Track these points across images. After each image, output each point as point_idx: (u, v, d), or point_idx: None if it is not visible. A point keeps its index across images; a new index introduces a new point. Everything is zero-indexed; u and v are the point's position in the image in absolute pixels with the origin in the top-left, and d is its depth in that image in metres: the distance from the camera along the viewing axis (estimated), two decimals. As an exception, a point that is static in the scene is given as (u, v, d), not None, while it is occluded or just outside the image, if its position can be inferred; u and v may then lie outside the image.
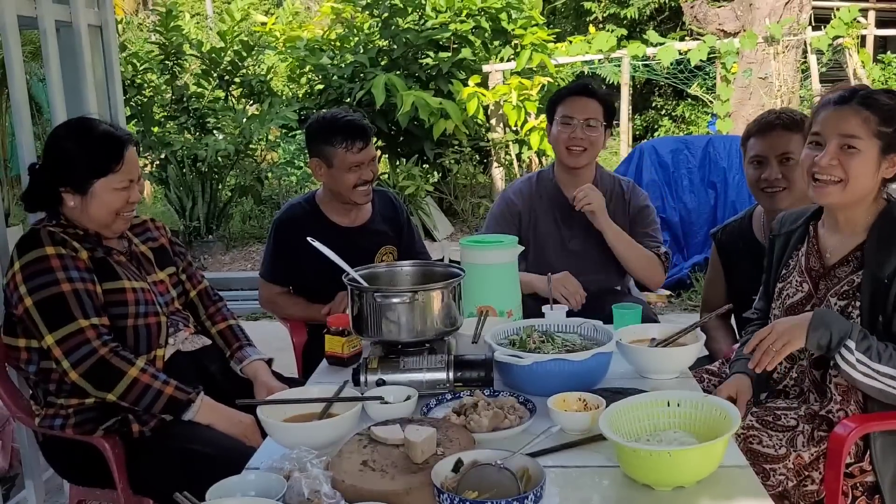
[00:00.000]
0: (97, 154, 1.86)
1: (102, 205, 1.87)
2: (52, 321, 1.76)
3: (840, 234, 1.76)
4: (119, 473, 1.82)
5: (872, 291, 1.64)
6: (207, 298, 2.18)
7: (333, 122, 2.45)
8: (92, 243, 1.89)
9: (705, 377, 2.00)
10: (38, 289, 1.77)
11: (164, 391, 1.79)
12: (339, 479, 1.26)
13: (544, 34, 7.74)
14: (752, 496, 1.27)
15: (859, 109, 1.65)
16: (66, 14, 2.71)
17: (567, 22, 12.14)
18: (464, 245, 2.13)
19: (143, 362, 1.81)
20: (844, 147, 1.65)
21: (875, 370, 1.57)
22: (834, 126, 1.67)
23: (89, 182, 1.85)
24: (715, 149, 5.50)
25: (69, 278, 1.78)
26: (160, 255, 2.08)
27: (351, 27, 8.15)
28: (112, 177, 1.86)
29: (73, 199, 1.87)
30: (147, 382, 1.78)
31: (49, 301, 1.76)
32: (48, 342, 1.76)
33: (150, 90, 7.61)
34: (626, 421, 1.40)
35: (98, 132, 1.89)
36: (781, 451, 1.66)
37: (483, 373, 1.67)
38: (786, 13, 7.38)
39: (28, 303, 1.77)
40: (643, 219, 2.56)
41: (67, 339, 1.75)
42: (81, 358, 1.74)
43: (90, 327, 1.76)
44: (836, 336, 1.58)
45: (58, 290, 1.76)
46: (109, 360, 1.76)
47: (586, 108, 2.51)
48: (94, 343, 1.75)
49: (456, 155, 7.80)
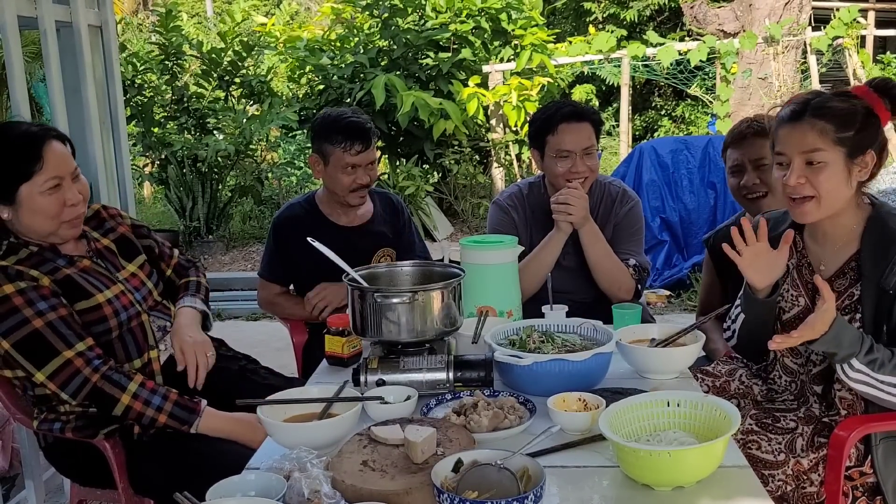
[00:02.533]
0: (12, 156, 1.72)
1: (35, 213, 1.74)
2: (37, 359, 1.71)
3: (829, 245, 1.72)
4: (120, 473, 1.82)
5: (876, 303, 1.62)
6: (181, 268, 2.11)
7: (337, 120, 2.44)
8: (49, 260, 1.78)
9: (702, 377, 1.99)
10: (10, 331, 1.70)
11: (158, 420, 1.76)
12: (339, 479, 1.26)
13: (544, 35, 7.75)
14: (752, 496, 1.27)
15: (814, 122, 1.62)
16: (66, 14, 2.72)
17: (567, 22, 12.14)
18: (464, 245, 2.13)
19: (136, 385, 1.75)
20: (808, 164, 1.63)
21: (877, 379, 1.56)
22: (794, 144, 1.64)
23: (12, 189, 1.72)
24: (715, 149, 5.50)
25: (38, 312, 1.70)
26: (123, 246, 1.98)
27: (351, 27, 8.16)
28: (36, 179, 1.72)
29: (5, 211, 1.75)
30: (140, 411, 1.75)
31: (27, 340, 1.70)
32: (40, 379, 1.72)
33: (150, 90, 7.62)
34: (626, 421, 1.40)
35: (14, 133, 1.76)
36: (780, 456, 1.65)
37: (483, 373, 1.67)
38: (785, 13, 7.39)
39: (6, 346, 1.70)
40: (626, 226, 2.46)
41: (58, 372, 1.71)
42: (77, 388, 1.72)
43: (76, 356, 1.71)
44: (842, 354, 1.56)
45: (31, 329, 1.69)
46: (102, 388, 1.72)
47: (581, 136, 2.35)
48: (85, 371, 1.71)
49: (456, 155, 7.80)
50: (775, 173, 1.71)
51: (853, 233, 1.69)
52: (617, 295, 2.38)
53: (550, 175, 2.43)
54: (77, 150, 2.76)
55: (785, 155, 1.66)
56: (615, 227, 2.46)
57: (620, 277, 2.38)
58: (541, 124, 2.42)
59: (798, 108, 1.66)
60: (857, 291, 1.66)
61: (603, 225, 2.42)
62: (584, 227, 2.34)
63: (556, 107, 2.43)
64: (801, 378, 1.78)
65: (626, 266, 2.39)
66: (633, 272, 2.40)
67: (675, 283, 5.36)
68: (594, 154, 2.41)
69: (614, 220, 2.47)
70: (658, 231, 5.46)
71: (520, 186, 2.59)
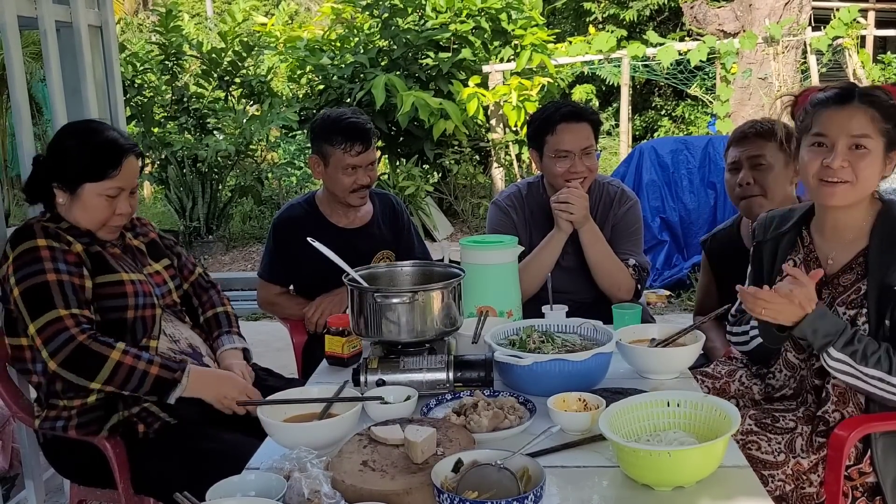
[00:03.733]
0: (94, 157, 1.86)
1: (86, 210, 1.87)
2: (34, 309, 1.75)
3: (839, 239, 1.71)
4: (120, 473, 1.82)
5: (878, 297, 1.62)
6: (200, 287, 2.16)
7: (337, 121, 2.44)
8: (85, 236, 1.88)
9: (701, 379, 1.99)
10: (25, 278, 1.77)
11: (150, 371, 1.75)
12: (339, 480, 1.26)
13: (544, 35, 7.75)
14: (752, 496, 1.27)
15: (865, 108, 1.61)
16: (66, 14, 2.71)
17: (567, 22, 12.14)
18: (464, 245, 2.13)
19: (123, 345, 1.77)
20: (853, 147, 1.61)
21: (861, 372, 1.56)
22: (841, 126, 1.61)
23: (79, 183, 1.85)
24: (715, 149, 5.50)
25: (56, 269, 1.78)
26: (152, 247, 2.07)
27: (351, 27, 8.16)
28: (104, 182, 1.85)
29: (62, 196, 1.88)
30: (131, 364, 1.74)
31: (33, 290, 1.76)
32: (31, 331, 1.75)
33: (151, 90, 7.61)
34: (626, 421, 1.40)
35: (102, 137, 1.89)
36: (780, 457, 1.65)
37: (483, 373, 1.67)
38: (785, 13, 7.38)
39: (16, 293, 1.78)
40: (625, 226, 2.46)
41: (46, 327, 1.73)
42: (60, 346, 1.72)
43: (69, 316, 1.75)
44: (817, 342, 1.57)
45: (42, 280, 1.76)
46: (89, 346, 1.73)
47: (580, 136, 2.35)
48: (73, 330, 1.73)
49: (456, 155, 7.80)
50: (806, 155, 1.67)
51: (862, 229, 1.68)
52: (617, 295, 2.37)
53: (549, 175, 2.43)
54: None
55: (827, 136, 1.63)
56: (614, 227, 2.46)
57: (620, 277, 2.38)
58: (539, 124, 2.42)
59: (844, 93, 1.64)
60: (863, 286, 1.66)
61: (601, 225, 2.41)
62: (584, 226, 2.34)
63: (555, 107, 2.43)
64: (802, 373, 1.78)
65: (626, 266, 2.39)
66: (632, 272, 2.40)
67: (675, 283, 5.36)
68: (593, 154, 2.41)
69: (613, 220, 2.46)
70: (658, 231, 5.46)
71: (519, 187, 2.59)
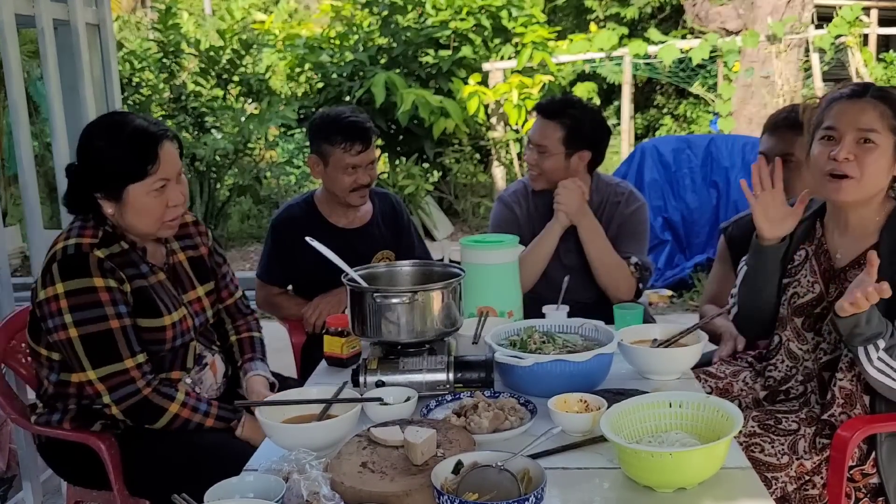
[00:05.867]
0: (129, 154, 1.70)
1: (139, 213, 1.73)
2: (97, 358, 1.69)
3: (849, 235, 1.72)
4: (115, 474, 1.81)
5: (889, 297, 1.59)
6: (237, 312, 2.09)
7: (336, 120, 2.43)
8: (134, 264, 1.78)
9: (705, 378, 1.98)
10: (86, 322, 1.68)
11: (206, 423, 1.78)
12: (339, 481, 1.25)
13: (545, 32, 7.74)
14: (754, 498, 1.26)
15: (876, 103, 1.62)
16: (63, 12, 2.71)
17: (568, 20, 12.11)
18: (464, 245, 2.12)
19: (182, 395, 1.77)
20: (861, 141, 1.62)
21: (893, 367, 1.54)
22: (850, 119, 1.63)
23: (122, 187, 1.71)
24: (717, 148, 5.49)
25: (118, 314, 1.70)
26: (198, 267, 1.96)
27: (350, 25, 8.15)
28: (147, 180, 1.71)
29: (109, 206, 1.74)
30: (187, 418, 1.76)
31: (96, 337, 1.68)
32: (90, 377, 1.70)
33: (148, 89, 7.60)
34: (628, 422, 1.39)
35: (130, 129, 1.72)
36: (784, 459, 1.64)
37: (483, 374, 1.66)
38: (788, 11, 7.37)
39: (73, 333, 1.68)
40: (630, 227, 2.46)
41: (112, 377, 1.70)
42: (125, 396, 1.71)
43: (135, 367, 1.72)
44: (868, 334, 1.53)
45: (105, 327, 1.69)
46: (151, 400, 1.73)
47: (539, 130, 2.43)
48: (139, 383, 1.71)
49: (456, 154, 7.79)
50: (816, 148, 1.68)
51: (875, 225, 1.69)
52: (617, 294, 2.37)
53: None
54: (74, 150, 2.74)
55: (836, 129, 1.64)
56: (619, 226, 2.46)
57: (620, 275, 2.37)
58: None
59: (858, 89, 1.66)
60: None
61: (607, 224, 2.42)
62: (582, 221, 2.35)
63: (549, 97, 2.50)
64: (806, 364, 1.77)
65: (628, 264, 2.38)
66: (633, 270, 2.39)
67: (677, 283, 5.34)
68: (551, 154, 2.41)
69: (618, 219, 2.47)
70: (660, 231, 5.45)
71: (524, 182, 2.62)
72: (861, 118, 1.62)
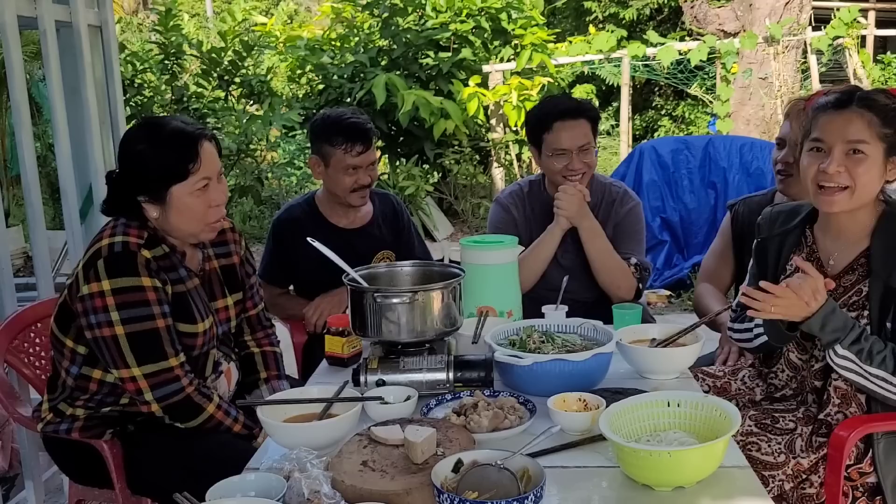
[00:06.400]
0: (170, 154, 1.72)
1: (182, 213, 1.75)
2: (143, 355, 1.70)
3: (842, 241, 1.71)
4: (117, 473, 1.82)
5: (881, 299, 1.61)
6: (258, 324, 2.10)
7: (337, 121, 2.44)
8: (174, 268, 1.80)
9: (703, 377, 1.99)
10: (133, 320, 1.69)
11: (233, 429, 1.81)
12: (339, 480, 1.26)
13: (544, 34, 7.75)
14: (752, 497, 1.27)
15: (862, 112, 1.59)
16: (65, 14, 2.72)
17: (567, 22, 12.13)
18: (464, 245, 2.13)
19: (217, 398, 1.80)
20: (850, 152, 1.60)
21: (865, 371, 1.56)
22: (837, 131, 1.60)
23: (165, 189, 1.72)
24: (715, 149, 5.49)
25: (163, 313, 1.72)
26: (229, 276, 1.97)
27: (351, 27, 8.16)
28: (189, 179, 1.72)
29: (154, 210, 1.75)
30: (220, 419, 1.79)
31: (143, 335, 1.70)
32: (134, 373, 1.71)
33: (150, 90, 7.61)
34: (626, 421, 1.40)
35: (168, 130, 1.74)
36: (780, 457, 1.65)
37: (483, 373, 1.66)
38: (786, 13, 7.38)
39: (119, 331, 1.69)
40: (626, 227, 2.45)
41: (157, 374, 1.71)
42: (169, 394, 1.73)
43: (179, 366, 1.74)
44: (826, 338, 1.57)
45: (153, 326, 1.71)
46: (193, 398, 1.75)
47: (577, 133, 2.34)
48: (183, 381, 1.73)
49: (456, 155, 7.80)
50: (805, 160, 1.66)
51: (866, 229, 1.68)
52: (617, 294, 2.37)
53: (548, 172, 2.45)
54: (76, 151, 2.73)
55: (824, 142, 1.62)
56: (615, 227, 2.45)
57: (621, 275, 2.37)
58: (536, 123, 2.42)
59: (843, 97, 1.62)
60: (865, 288, 1.65)
61: (603, 225, 2.41)
62: (582, 223, 2.35)
63: (552, 104, 2.44)
64: (803, 374, 1.78)
65: (628, 264, 2.38)
66: (634, 270, 2.39)
67: (676, 283, 5.35)
68: (591, 150, 2.40)
69: (615, 219, 2.46)
70: (658, 231, 5.46)
71: (521, 185, 2.60)
72: (849, 130, 1.59)
